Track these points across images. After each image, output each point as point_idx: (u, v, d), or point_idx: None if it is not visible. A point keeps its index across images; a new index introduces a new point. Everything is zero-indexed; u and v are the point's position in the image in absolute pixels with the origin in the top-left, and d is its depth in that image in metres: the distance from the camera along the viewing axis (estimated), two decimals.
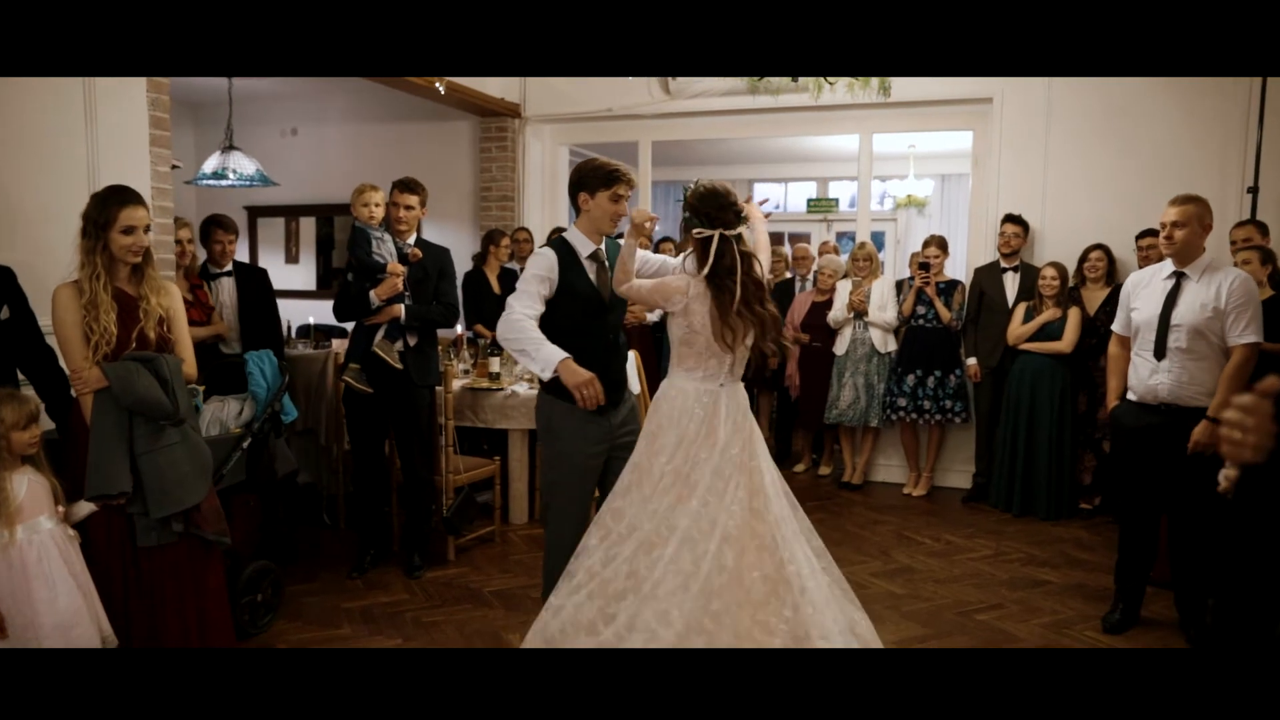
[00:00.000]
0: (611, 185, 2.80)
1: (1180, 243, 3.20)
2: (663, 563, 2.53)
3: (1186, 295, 3.22)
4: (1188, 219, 3.20)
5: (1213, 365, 3.19)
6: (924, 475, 5.56)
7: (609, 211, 2.82)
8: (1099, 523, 4.88)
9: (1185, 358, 3.19)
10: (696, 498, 2.60)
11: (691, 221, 2.67)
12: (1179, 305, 3.22)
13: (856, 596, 3.76)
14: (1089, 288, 5.05)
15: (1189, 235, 3.20)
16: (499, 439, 4.84)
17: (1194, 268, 3.24)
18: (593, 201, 2.82)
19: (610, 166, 2.82)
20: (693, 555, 2.53)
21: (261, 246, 7.52)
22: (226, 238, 4.27)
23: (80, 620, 2.40)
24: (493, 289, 5.81)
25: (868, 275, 5.59)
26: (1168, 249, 3.25)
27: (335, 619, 3.50)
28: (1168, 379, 3.22)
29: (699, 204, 2.66)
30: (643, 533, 2.58)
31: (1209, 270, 3.22)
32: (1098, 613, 3.62)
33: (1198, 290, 3.19)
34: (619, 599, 2.53)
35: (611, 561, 2.58)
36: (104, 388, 2.51)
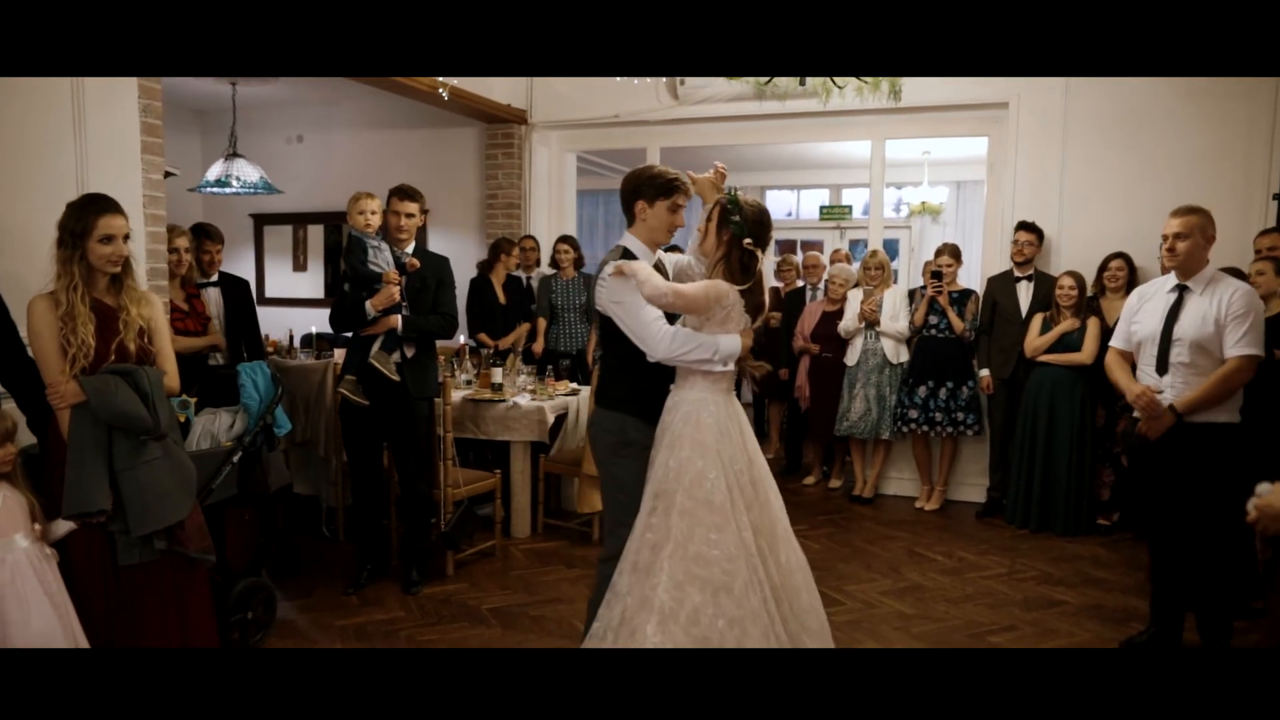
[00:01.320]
0: (670, 195, 2.67)
1: (1183, 255, 3.12)
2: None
3: (1189, 309, 3.13)
4: (1190, 230, 3.11)
5: None
6: (937, 489, 5.42)
7: (666, 222, 2.71)
8: (1117, 539, 4.73)
9: (1188, 372, 3.10)
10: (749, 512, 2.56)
11: (740, 230, 2.59)
12: (1181, 319, 3.13)
13: (865, 616, 3.67)
14: (1108, 297, 4.91)
15: (1191, 247, 3.11)
16: (501, 451, 4.76)
17: (1197, 280, 3.15)
18: (650, 211, 2.68)
19: (669, 175, 2.69)
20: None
21: (268, 255, 7.49)
22: (214, 247, 4.22)
23: (54, 642, 2.33)
24: (498, 298, 5.75)
25: (880, 284, 5.47)
26: (1170, 261, 3.18)
27: (328, 637, 3.42)
28: (1169, 395, 3.13)
29: (753, 221, 2.60)
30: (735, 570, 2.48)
31: (1212, 283, 3.14)
32: (1115, 635, 3.48)
33: (1200, 303, 3.11)
34: None
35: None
36: (81, 402, 2.44)
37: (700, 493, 2.48)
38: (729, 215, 2.61)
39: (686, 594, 2.40)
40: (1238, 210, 4.75)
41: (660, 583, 2.40)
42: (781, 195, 10.77)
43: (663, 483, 2.53)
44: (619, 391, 2.68)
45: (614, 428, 2.66)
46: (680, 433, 2.55)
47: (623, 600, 2.49)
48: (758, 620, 2.44)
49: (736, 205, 2.62)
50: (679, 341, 2.52)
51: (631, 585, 2.48)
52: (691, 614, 2.39)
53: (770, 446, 6.99)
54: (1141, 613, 3.65)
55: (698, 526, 2.46)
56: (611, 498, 2.70)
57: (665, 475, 2.53)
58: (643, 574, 2.47)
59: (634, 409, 2.66)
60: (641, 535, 2.51)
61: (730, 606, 2.42)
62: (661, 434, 2.61)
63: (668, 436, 2.58)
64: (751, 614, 2.43)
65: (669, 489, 2.51)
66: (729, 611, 2.42)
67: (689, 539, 2.45)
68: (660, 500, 2.52)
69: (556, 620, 3.61)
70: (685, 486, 2.49)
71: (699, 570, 2.43)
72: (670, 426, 2.58)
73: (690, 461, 2.50)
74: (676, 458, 2.52)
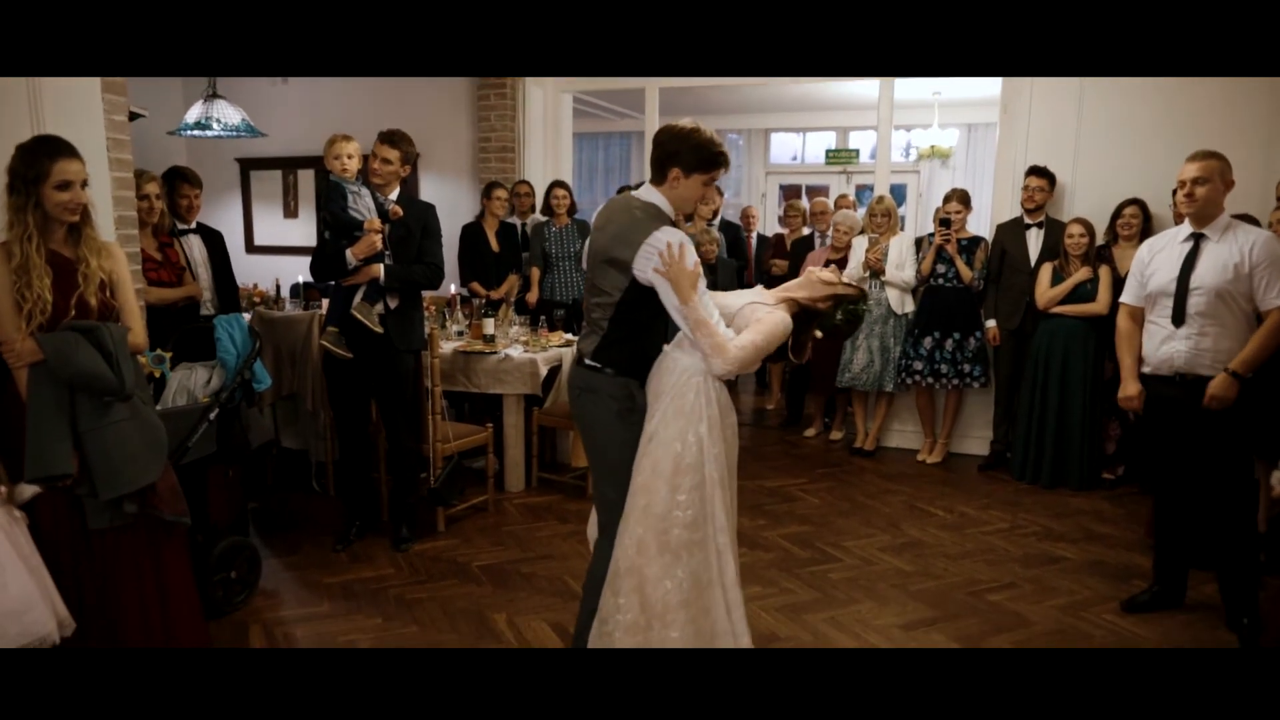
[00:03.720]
0: (710, 170, 2.42)
1: (1201, 200, 2.99)
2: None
3: (1206, 256, 3.01)
4: (1209, 175, 2.97)
5: (1234, 331, 2.98)
6: (939, 442, 5.33)
7: (698, 194, 2.47)
8: (1121, 494, 4.64)
9: (1206, 323, 2.99)
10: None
11: (842, 321, 2.62)
12: (1198, 267, 3.01)
13: (863, 574, 3.60)
14: (1121, 246, 4.73)
15: (1210, 193, 2.98)
16: (494, 404, 4.66)
17: (1213, 228, 3.02)
18: (685, 181, 2.41)
19: (716, 148, 2.40)
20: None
21: (256, 201, 7.30)
22: (192, 192, 4.05)
23: (33, 605, 2.24)
24: (490, 245, 5.58)
25: (886, 232, 5.29)
26: (1187, 208, 3.04)
27: (315, 596, 3.35)
28: (1185, 346, 3.01)
29: (850, 326, 2.65)
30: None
31: (1229, 230, 3.01)
32: (1116, 593, 3.41)
33: (1218, 251, 2.99)
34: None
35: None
36: (40, 361, 2.32)
37: (720, 468, 2.41)
38: (829, 320, 2.60)
39: (728, 561, 2.43)
40: (1263, 152, 4.54)
41: (713, 561, 2.41)
42: (786, 138, 10.48)
43: (682, 457, 2.37)
44: (624, 355, 2.47)
45: (621, 394, 2.46)
46: (695, 405, 2.39)
47: (661, 585, 2.35)
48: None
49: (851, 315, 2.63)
50: (737, 354, 2.35)
51: (668, 567, 2.36)
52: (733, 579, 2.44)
53: (772, 398, 6.90)
54: (1143, 569, 3.58)
55: (720, 497, 2.42)
56: (622, 467, 2.46)
57: (685, 450, 2.38)
58: (677, 553, 2.36)
59: (639, 373, 2.49)
60: (669, 514, 2.36)
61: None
62: (668, 400, 2.41)
63: (683, 405, 2.40)
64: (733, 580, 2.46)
65: (694, 463, 2.37)
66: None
67: (723, 511, 2.42)
68: (688, 476, 2.37)
69: (548, 577, 3.54)
70: (713, 459, 2.39)
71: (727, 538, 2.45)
72: (681, 395, 2.40)
73: (709, 435, 2.39)
74: (696, 431, 2.38)
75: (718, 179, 2.53)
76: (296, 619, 3.17)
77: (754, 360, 2.39)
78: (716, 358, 2.33)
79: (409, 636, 3.04)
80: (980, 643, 3.03)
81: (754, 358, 2.38)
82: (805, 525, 4.19)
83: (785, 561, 3.74)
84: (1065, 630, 3.13)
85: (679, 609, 2.35)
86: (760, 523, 4.19)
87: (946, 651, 2.52)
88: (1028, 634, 3.10)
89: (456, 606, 3.27)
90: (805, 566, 3.69)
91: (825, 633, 3.10)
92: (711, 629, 2.40)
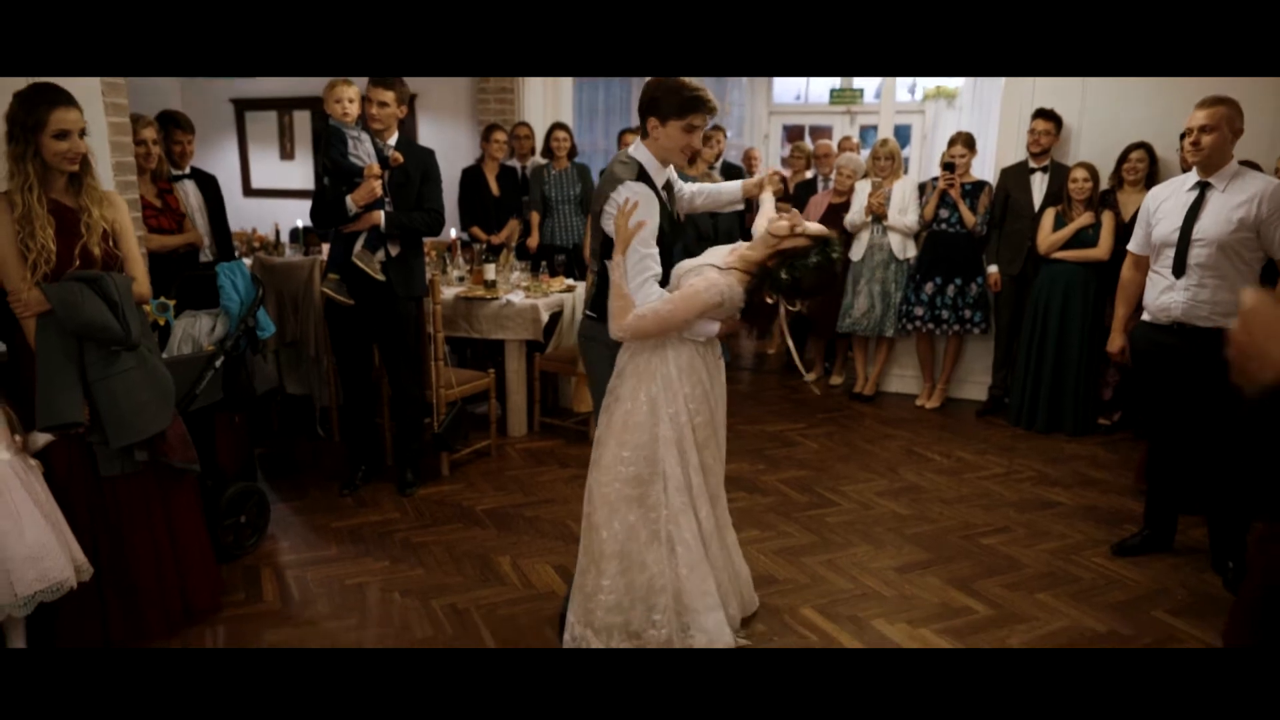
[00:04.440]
0: (685, 115, 2.35)
1: (1208, 148, 2.96)
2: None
3: (1211, 207, 2.99)
4: (1217, 122, 2.94)
5: (1233, 284, 2.98)
6: (939, 387, 5.37)
7: (680, 142, 2.42)
8: (1117, 439, 4.70)
9: (1205, 275, 2.99)
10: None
11: (781, 290, 2.40)
12: (1202, 218, 3.00)
13: (860, 518, 3.67)
14: (1126, 190, 4.69)
15: (1217, 140, 2.95)
16: (496, 349, 4.68)
17: (1220, 176, 3.00)
18: (663, 130, 2.39)
19: (689, 91, 2.34)
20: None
21: (252, 143, 7.20)
22: (185, 137, 3.99)
23: (50, 551, 2.29)
24: (491, 189, 5.53)
25: (889, 176, 5.24)
26: (1194, 156, 3.01)
27: (323, 540, 3.43)
28: (1183, 297, 3.03)
29: (804, 294, 2.39)
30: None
31: (1236, 178, 2.98)
32: (1108, 536, 3.49)
33: (1224, 200, 2.97)
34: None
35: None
36: (47, 311, 2.33)
37: (678, 428, 2.46)
38: (790, 265, 2.35)
39: (685, 522, 2.50)
40: (1273, 92, 4.46)
41: (659, 519, 2.48)
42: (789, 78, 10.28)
43: (631, 415, 2.46)
44: None
45: (615, 342, 2.50)
46: (649, 364, 2.46)
47: (599, 533, 2.50)
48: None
49: (803, 262, 2.34)
50: (644, 326, 2.35)
51: (606, 519, 2.49)
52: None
53: (772, 342, 6.92)
54: (1135, 514, 3.65)
55: (676, 457, 2.48)
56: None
57: (634, 408, 2.46)
58: (615, 506, 2.48)
59: None
60: (612, 468, 2.48)
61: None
62: (627, 357, 2.49)
63: (638, 364, 2.48)
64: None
65: (642, 422, 2.45)
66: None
67: (684, 470, 2.49)
68: (633, 434, 2.46)
69: (551, 521, 3.61)
70: (667, 419, 2.45)
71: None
72: (638, 354, 2.47)
73: (664, 394, 2.44)
74: (648, 391, 2.45)
75: (701, 126, 2.42)
76: (305, 562, 3.24)
77: (654, 329, 2.34)
78: (613, 321, 2.36)
79: (416, 579, 3.11)
80: (971, 585, 3.11)
81: (654, 328, 2.33)
82: (804, 470, 4.25)
83: (784, 506, 3.81)
84: (1055, 573, 3.21)
85: (612, 559, 2.46)
86: (760, 467, 4.25)
87: (940, 652, 2.58)
88: (1019, 576, 3.18)
89: (461, 550, 3.35)
90: (804, 511, 3.76)
91: (822, 575, 3.18)
92: (647, 584, 2.47)
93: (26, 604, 2.27)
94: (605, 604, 2.48)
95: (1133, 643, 2.75)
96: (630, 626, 2.49)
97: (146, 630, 2.60)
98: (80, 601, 2.44)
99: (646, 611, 2.48)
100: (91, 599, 2.48)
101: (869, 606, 2.97)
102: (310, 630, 2.76)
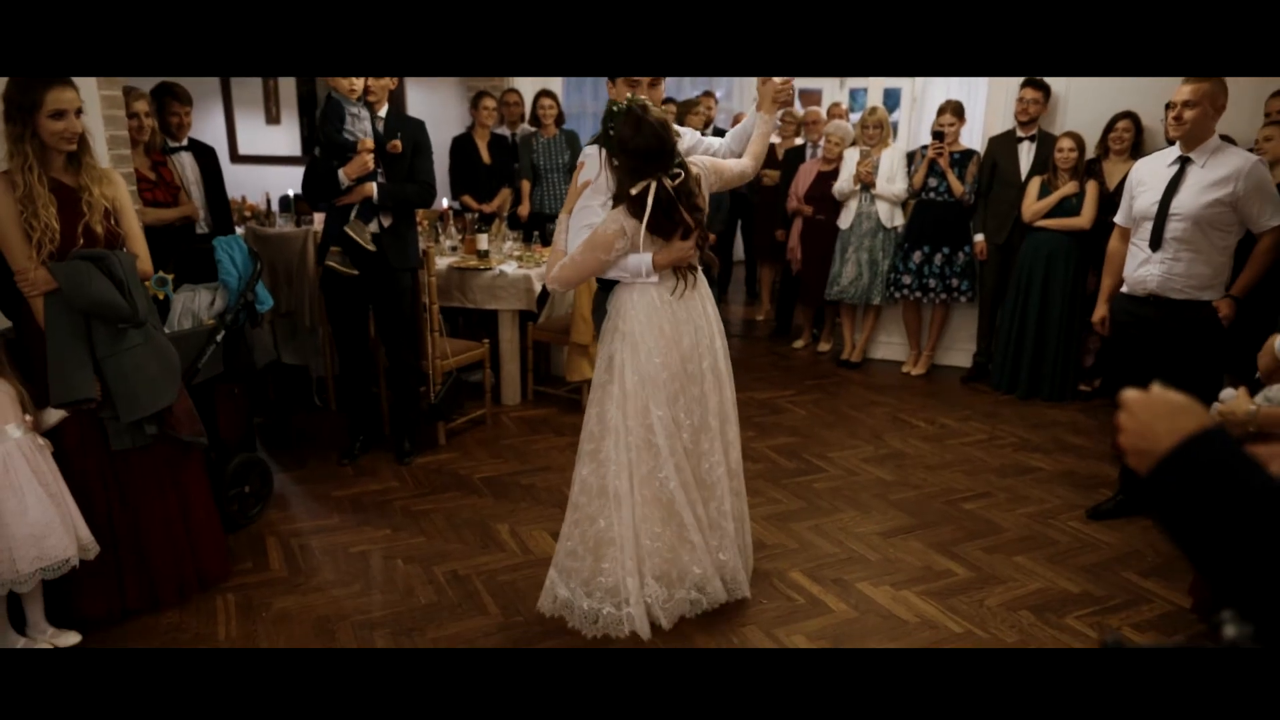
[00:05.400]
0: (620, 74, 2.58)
1: (1190, 124, 3.03)
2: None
3: (1190, 182, 3.08)
4: (1200, 98, 3.01)
5: (1208, 258, 3.09)
6: (925, 354, 5.47)
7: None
8: (1097, 405, 4.83)
9: (1181, 248, 3.09)
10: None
11: (610, 147, 2.40)
12: (1180, 193, 3.09)
13: (846, 484, 3.79)
14: (1112, 160, 4.75)
15: (1199, 116, 3.02)
16: (489, 318, 4.74)
17: (1200, 151, 3.08)
18: (614, 90, 2.64)
19: None
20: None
21: (238, 109, 7.14)
22: (182, 109, 3.99)
23: (53, 530, 2.34)
24: (482, 157, 5.54)
25: (877, 144, 5.28)
26: (1176, 130, 3.09)
27: (325, 509, 3.51)
28: (1158, 270, 3.13)
29: (625, 141, 2.35)
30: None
31: (1215, 154, 3.06)
32: (1084, 501, 3.62)
33: (1202, 176, 3.06)
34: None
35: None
36: (54, 290, 2.37)
37: (637, 380, 2.54)
38: (610, 145, 2.37)
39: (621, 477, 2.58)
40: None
41: (607, 473, 2.58)
42: None
43: (598, 374, 2.60)
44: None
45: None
46: (612, 323, 2.58)
47: (572, 485, 2.66)
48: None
49: (615, 139, 2.35)
50: (565, 274, 2.50)
51: (575, 471, 2.66)
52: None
53: (761, 308, 7.00)
54: (1110, 479, 3.78)
55: (634, 408, 2.55)
56: None
57: (602, 368, 2.59)
58: (580, 459, 2.63)
59: None
60: (583, 427, 2.63)
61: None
62: (604, 329, 2.63)
63: (608, 325, 2.61)
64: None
65: (602, 380, 2.58)
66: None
67: (643, 426, 2.56)
68: (597, 391, 2.60)
69: (548, 489, 3.71)
70: (631, 369, 2.55)
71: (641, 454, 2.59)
72: (610, 317, 2.60)
73: (623, 349, 2.54)
74: (610, 347, 2.57)
75: (641, 80, 2.59)
76: (309, 531, 3.33)
77: (573, 275, 2.48)
78: (549, 267, 2.53)
79: (417, 546, 3.21)
80: (953, 548, 3.23)
81: (573, 273, 2.48)
82: (792, 437, 4.36)
83: (772, 472, 3.92)
84: (1034, 536, 3.34)
85: (571, 509, 2.63)
86: (749, 434, 4.35)
87: (931, 652, 2.69)
88: (998, 540, 3.31)
89: (461, 517, 3.44)
90: (792, 477, 3.88)
91: (810, 539, 3.30)
92: (596, 536, 2.58)
93: (28, 580, 2.34)
94: (565, 549, 2.64)
95: (1105, 602, 2.88)
96: (583, 574, 2.60)
97: (160, 598, 2.69)
98: (98, 572, 2.52)
99: (595, 562, 2.59)
100: (108, 569, 2.56)
101: (854, 570, 3.09)
102: (318, 596, 2.86)
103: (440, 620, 2.74)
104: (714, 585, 2.68)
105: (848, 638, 2.69)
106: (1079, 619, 2.78)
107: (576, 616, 2.60)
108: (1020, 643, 2.67)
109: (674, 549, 2.60)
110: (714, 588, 2.69)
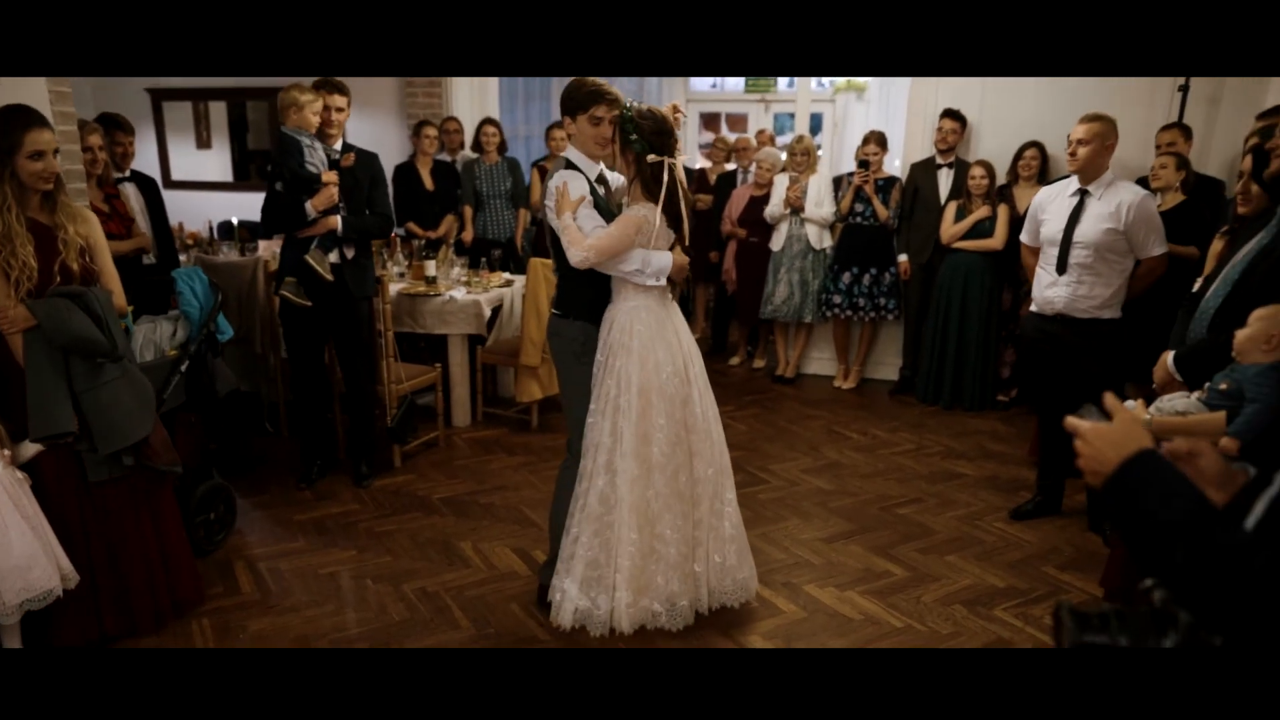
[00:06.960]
0: (588, 108, 2.65)
1: (1083, 160, 3.38)
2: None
3: (1089, 212, 3.42)
4: (1092, 137, 3.36)
5: (1108, 281, 3.43)
6: (854, 369, 5.79)
7: (591, 135, 2.69)
8: (1014, 414, 5.21)
9: (1084, 273, 3.43)
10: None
11: (642, 148, 2.63)
12: (1081, 223, 3.42)
13: (789, 494, 4.02)
14: (1021, 186, 5.16)
15: (1091, 153, 3.37)
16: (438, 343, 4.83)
17: (1097, 185, 3.43)
18: (575, 126, 2.70)
19: (586, 88, 2.64)
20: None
21: (169, 132, 7.05)
22: (125, 139, 4.01)
23: (36, 562, 2.38)
24: (425, 185, 5.64)
25: (805, 171, 5.59)
26: (1072, 165, 3.45)
27: (289, 533, 3.56)
28: (1065, 292, 3.46)
29: (651, 134, 2.62)
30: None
31: (1110, 187, 3.41)
32: (1006, 503, 3.94)
33: (1099, 207, 3.39)
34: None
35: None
36: (33, 326, 2.42)
37: (616, 387, 2.70)
38: (627, 135, 2.64)
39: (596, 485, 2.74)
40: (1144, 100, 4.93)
41: (583, 479, 2.74)
42: None
43: (607, 388, 2.73)
44: (579, 301, 2.77)
45: (576, 336, 2.78)
46: (617, 343, 2.72)
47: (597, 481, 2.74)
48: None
49: (632, 123, 2.62)
50: (603, 241, 2.61)
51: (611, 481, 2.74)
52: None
53: (697, 326, 7.23)
54: (1029, 482, 4.12)
55: (612, 416, 2.71)
56: (578, 403, 2.80)
57: (615, 384, 2.71)
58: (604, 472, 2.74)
59: (593, 317, 2.78)
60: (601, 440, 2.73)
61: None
62: (602, 347, 2.77)
63: (607, 349, 2.74)
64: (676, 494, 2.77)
65: (594, 392, 2.74)
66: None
67: (611, 435, 2.71)
68: (609, 405, 2.72)
69: (505, 506, 3.84)
70: (614, 375, 2.71)
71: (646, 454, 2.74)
72: (607, 339, 2.75)
73: (605, 360, 2.72)
74: (598, 360, 2.74)
75: (605, 116, 2.66)
76: (275, 554, 3.38)
77: (609, 245, 2.60)
78: (572, 248, 2.64)
79: (384, 566, 3.30)
80: (890, 550, 3.49)
81: (609, 244, 2.60)
82: (736, 451, 4.48)
83: None
84: (963, 537, 3.63)
85: (586, 520, 2.75)
86: None
87: (903, 651, 2.89)
88: (931, 541, 3.58)
89: (424, 537, 3.54)
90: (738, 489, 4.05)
91: (758, 547, 3.50)
92: (617, 544, 2.72)
93: (14, 613, 2.37)
94: (585, 559, 2.74)
95: (1028, 595, 3.17)
96: (607, 581, 2.73)
97: (138, 625, 2.73)
98: (76, 601, 2.55)
99: (581, 566, 2.75)
100: (86, 598, 2.59)
101: (801, 574, 3.31)
102: (293, 617, 2.93)
103: (416, 635, 2.84)
104: (680, 605, 2.79)
105: (799, 636, 2.90)
106: (1006, 610, 3.06)
107: (597, 624, 2.71)
108: (954, 633, 2.92)
109: (645, 557, 2.74)
110: (680, 607, 2.79)
